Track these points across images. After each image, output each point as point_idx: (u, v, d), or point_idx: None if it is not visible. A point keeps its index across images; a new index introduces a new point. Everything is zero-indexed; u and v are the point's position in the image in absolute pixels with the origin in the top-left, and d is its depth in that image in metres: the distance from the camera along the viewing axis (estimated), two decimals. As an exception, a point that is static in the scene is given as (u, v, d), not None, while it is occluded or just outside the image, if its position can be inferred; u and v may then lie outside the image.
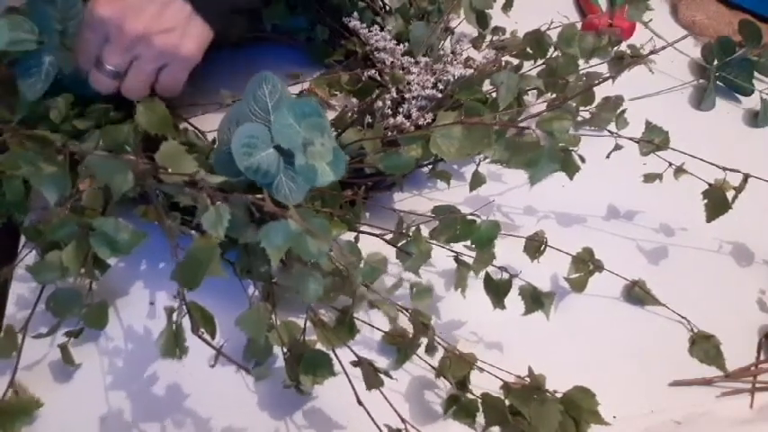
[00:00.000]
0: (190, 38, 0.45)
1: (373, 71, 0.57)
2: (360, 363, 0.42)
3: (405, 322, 0.45)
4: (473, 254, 0.46)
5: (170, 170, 0.38)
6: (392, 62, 0.56)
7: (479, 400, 0.43)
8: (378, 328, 0.47)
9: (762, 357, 0.51)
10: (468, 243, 0.47)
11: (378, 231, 0.49)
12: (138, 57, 0.45)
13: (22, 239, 0.47)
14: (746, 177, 0.49)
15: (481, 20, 0.60)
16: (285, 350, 0.43)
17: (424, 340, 0.45)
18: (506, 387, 0.44)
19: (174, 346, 0.38)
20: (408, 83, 0.53)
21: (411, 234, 0.46)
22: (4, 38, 0.41)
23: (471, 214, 0.46)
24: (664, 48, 0.53)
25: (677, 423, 0.48)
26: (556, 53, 0.57)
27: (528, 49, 0.58)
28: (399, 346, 0.47)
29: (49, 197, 0.35)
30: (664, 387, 0.50)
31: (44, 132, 0.37)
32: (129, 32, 0.43)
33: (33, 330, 0.44)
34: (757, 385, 0.50)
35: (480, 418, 0.44)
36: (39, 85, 0.44)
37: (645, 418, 0.48)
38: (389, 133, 0.50)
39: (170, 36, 0.44)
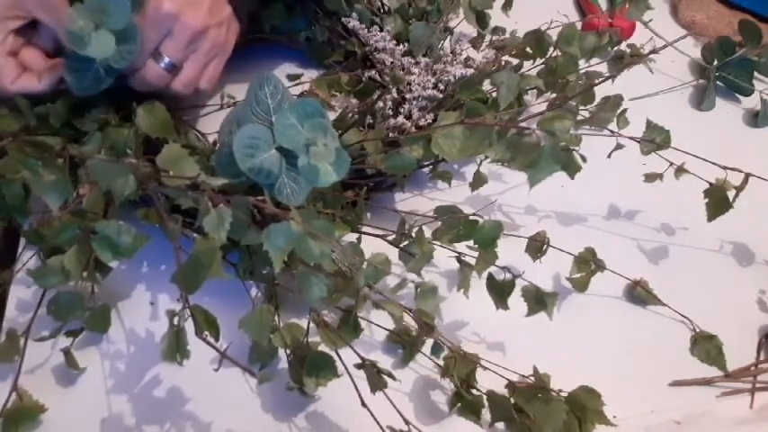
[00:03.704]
0: (232, 33, 0.49)
1: (373, 72, 0.57)
2: (363, 365, 0.42)
3: (408, 320, 0.45)
4: (475, 254, 0.47)
5: (171, 173, 0.38)
6: (392, 63, 0.56)
7: (485, 397, 0.44)
8: (382, 327, 0.47)
9: (762, 357, 0.51)
10: (471, 243, 0.47)
11: (380, 232, 0.49)
12: (195, 50, 0.46)
13: (22, 243, 0.47)
14: (747, 177, 0.50)
15: (481, 20, 0.60)
16: (288, 352, 0.43)
17: (430, 340, 0.45)
18: (511, 386, 0.44)
19: (175, 349, 0.37)
20: (409, 83, 0.53)
21: (413, 235, 0.46)
22: (110, 50, 0.41)
23: (474, 214, 0.46)
24: (664, 48, 0.53)
25: (677, 423, 0.48)
26: (556, 53, 0.57)
27: (528, 49, 0.58)
28: (404, 344, 0.47)
29: (52, 204, 0.35)
30: (664, 387, 0.50)
31: (44, 138, 0.36)
32: (191, 27, 0.44)
33: (35, 334, 0.43)
34: (757, 385, 0.50)
35: (486, 416, 0.44)
36: (86, 83, 0.44)
37: (645, 418, 0.48)
38: (390, 134, 0.50)
39: (221, 30, 0.47)
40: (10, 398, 0.41)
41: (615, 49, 0.60)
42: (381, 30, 0.58)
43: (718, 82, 0.67)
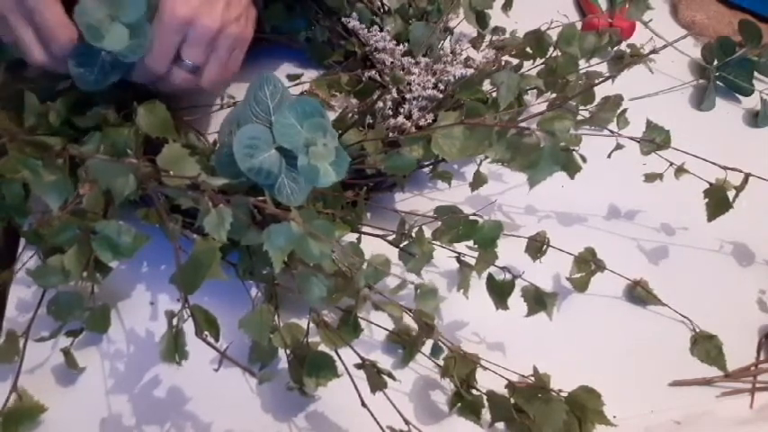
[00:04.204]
0: (250, 21, 0.49)
1: (373, 72, 0.57)
2: (363, 365, 0.42)
3: (408, 320, 0.45)
4: (475, 254, 0.47)
5: (172, 173, 0.38)
6: (392, 62, 0.56)
7: (485, 397, 0.44)
8: (381, 327, 0.47)
9: (762, 357, 0.52)
10: (471, 243, 0.47)
11: (380, 232, 0.49)
12: (215, 49, 0.46)
13: (22, 242, 0.47)
14: (747, 177, 0.50)
15: (481, 20, 0.60)
16: (288, 352, 0.43)
17: (429, 341, 0.45)
18: (511, 386, 0.44)
19: (173, 350, 0.37)
20: (409, 83, 0.53)
21: (413, 235, 0.46)
22: (124, 43, 0.41)
23: (473, 214, 0.46)
24: (664, 48, 0.53)
25: (677, 423, 0.48)
26: (556, 53, 0.57)
27: (528, 49, 0.58)
28: (404, 344, 0.47)
29: (51, 203, 0.35)
30: (664, 387, 0.50)
31: (44, 138, 0.37)
32: (209, 29, 0.44)
33: (35, 334, 0.43)
34: (757, 385, 0.50)
35: (486, 416, 0.44)
36: (92, 78, 0.44)
37: (645, 418, 0.48)
38: (390, 134, 0.50)
39: (239, 24, 0.46)
40: (10, 398, 0.41)
41: (615, 49, 0.60)
42: (381, 30, 0.58)
43: (718, 82, 0.67)
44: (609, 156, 0.51)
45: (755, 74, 0.67)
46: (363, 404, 0.40)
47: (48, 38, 0.42)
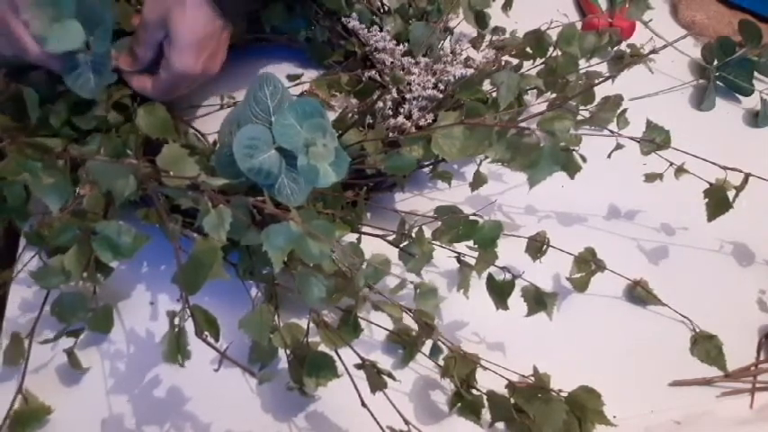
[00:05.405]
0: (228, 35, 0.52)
1: (373, 72, 0.57)
2: (363, 365, 0.42)
3: (408, 320, 0.45)
4: (475, 254, 0.47)
5: (172, 173, 0.38)
6: (392, 63, 0.56)
7: (485, 397, 0.44)
8: (382, 327, 0.47)
9: (762, 357, 0.52)
10: (471, 243, 0.47)
11: (380, 232, 0.49)
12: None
13: (22, 243, 0.47)
14: (747, 177, 0.50)
15: (480, 20, 0.60)
16: (288, 352, 0.43)
17: (429, 341, 0.45)
18: (511, 386, 0.44)
19: (176, 350, 0.37)
20: (409, 83, 0.53)
21: (413, 235, 0.46)
22: (81, 37, 0.40)
23: (473, 214, 0.47)
24: (664, 48, 0.53)
25: (677, 423, 0.48)
26: (556, 53, 0.57)
27: (528, 49, 0.58)
28: (404, 344, 0.47)
29: (51, 205, 0.35)
30: (664, 387, 0.50)
31: (44, 140, 0.37)
32: (212, 76, 0.50)
33: (37, 335, 0.43)
34: (757, 385, 0.50)
35: (486, 416, 0.44)
36: (89, 84, 0.43)
37: (645, 418, 0.48)
38: (390, 134, 0.50)
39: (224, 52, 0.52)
40: (15, 400, 0.41)
41: (615, 49, 0.60)
42: (381, 30, 0.58)
43: (718, 82, 0.67)
44: (609, 156, 0.51)
45: (755, 74, 0.67)
46: (363, 404, 0.40)
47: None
